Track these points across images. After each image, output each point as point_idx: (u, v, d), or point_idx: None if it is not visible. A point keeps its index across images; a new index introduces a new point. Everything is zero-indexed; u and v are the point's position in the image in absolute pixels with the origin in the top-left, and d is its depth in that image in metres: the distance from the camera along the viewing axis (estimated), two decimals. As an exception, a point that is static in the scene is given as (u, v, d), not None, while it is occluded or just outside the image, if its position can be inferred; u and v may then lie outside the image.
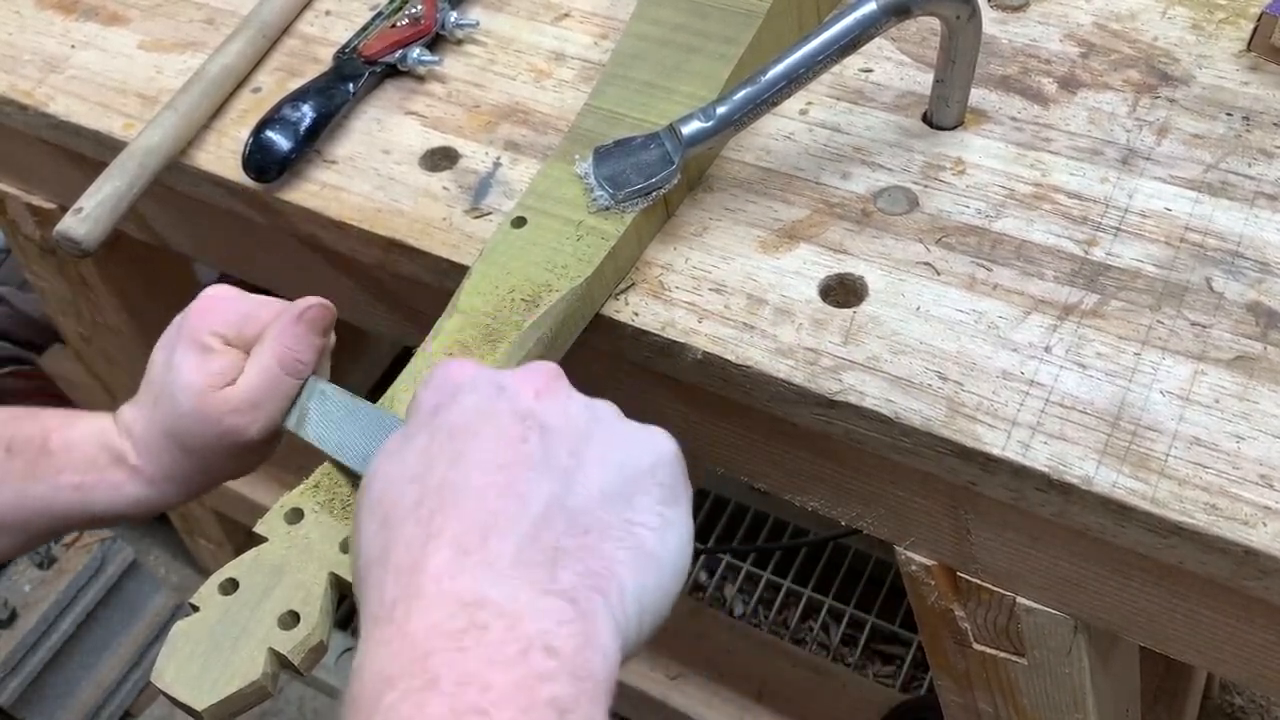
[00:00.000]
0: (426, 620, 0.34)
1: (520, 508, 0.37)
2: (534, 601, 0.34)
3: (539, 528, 0.36)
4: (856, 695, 1.13)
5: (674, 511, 0.39)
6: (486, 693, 0.32)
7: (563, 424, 0.40)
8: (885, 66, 0.65)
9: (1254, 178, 0.56)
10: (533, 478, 0.38)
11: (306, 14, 0.74)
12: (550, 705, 0.32)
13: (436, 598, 0.34)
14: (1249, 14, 0.63)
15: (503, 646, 0.33)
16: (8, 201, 0.89)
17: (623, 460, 0.40)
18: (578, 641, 0.34)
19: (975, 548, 0.57)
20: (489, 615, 0.34)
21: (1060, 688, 0.63)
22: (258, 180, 0.64)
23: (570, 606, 0.35)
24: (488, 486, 0.37)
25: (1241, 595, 0.49)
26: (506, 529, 0.36)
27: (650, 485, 0.39)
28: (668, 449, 0.41)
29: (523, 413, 0.39)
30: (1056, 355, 0.51)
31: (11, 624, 1.28)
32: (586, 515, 0.37)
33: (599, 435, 0.40)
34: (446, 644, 0.33)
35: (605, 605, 0.36)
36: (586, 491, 0.38)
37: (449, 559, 0.35)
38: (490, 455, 0.38)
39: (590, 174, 0.57)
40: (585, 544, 0.37)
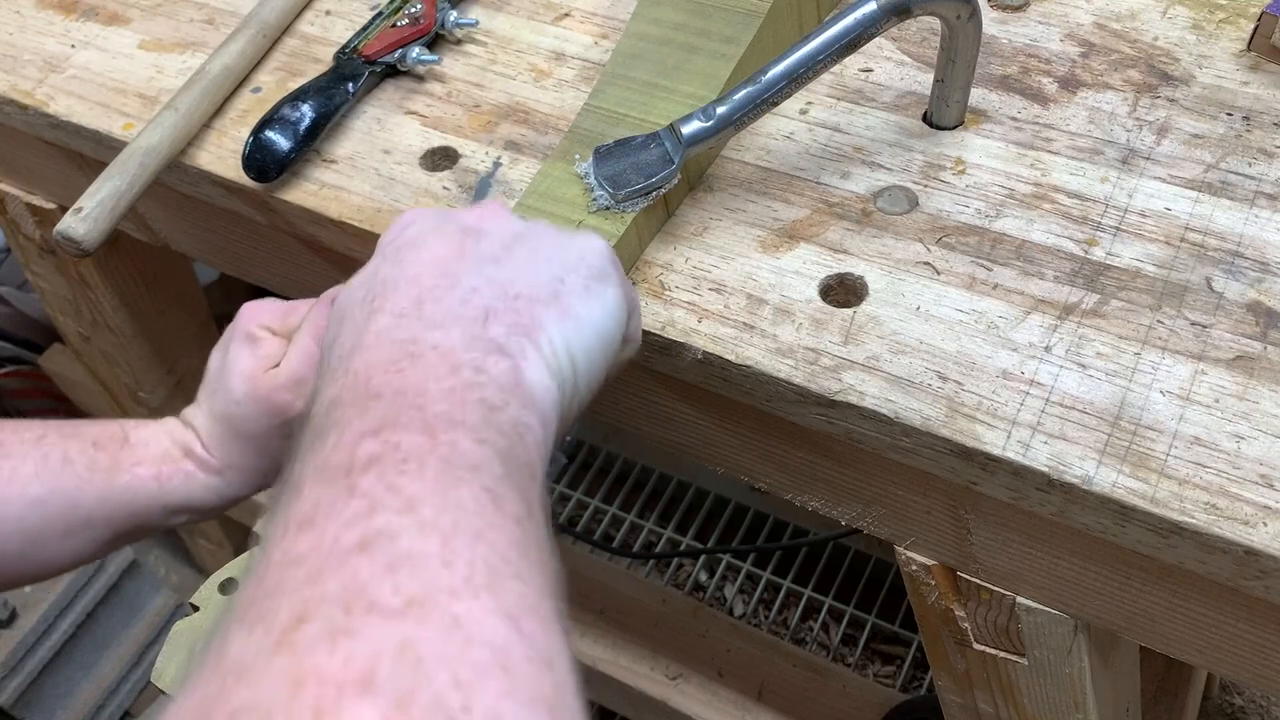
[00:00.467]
0: (367, 359, 0.38)
1: (453, 283, 0.41)
2: (465, 341, 0.38)
3: (470, 295, 0.40)
4: (856, 695, 1.13)
5: (601, 286, 0.44)
6: (422, 394, 0.36)
7: (500, 230, 0.44)
8: (885, 66, 0.65)
9: (1254, 177, 0.56)
10: (467, 265, 0.42)
11: (306, 14, 0.74)
12: (480, 404, 0.36)
13: (375, 344, 0.38)
14: (1249, 14, 0.63)
15: (436, 367, 0.37)
16: (8, 201, 0.89)
17: (554, 250, 0.44)
18: (507, 366, 0.38)
19: (975, 548, 0.57)
20: (423, 349, 0.38)
21: (1060, 688, 0.63)
22: (258, 180, 0.64)
23: (499, 349, 0.39)
24: (424, 273, 0.41)
25: (1241, 595, 0.49)
26: (440, 297, 0.40)
27: (578, 266, 0.44)
28: (597, 244, 0.45)
29: (465, 227, 0.44)
30: (1056, 355, 0.51)
31: (11, 624, 1.28)
32: (515, 285, 0.41)
33: (533, 235, 0.45)
34: (386, 371, 0.37)
35: (535, 350, 0.40)
36: (516, 269, 0.42)
37: (388, 321, 0.39)
38: (430, 254, 0.42)
39: (590, 174, 0.57)
40: (514, 306, 0.41)
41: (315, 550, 0.30)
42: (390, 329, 0.39)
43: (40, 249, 0.93)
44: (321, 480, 0.33)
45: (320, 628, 0.27)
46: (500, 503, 0.33)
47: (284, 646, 0.27)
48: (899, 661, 1.34)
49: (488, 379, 0.37)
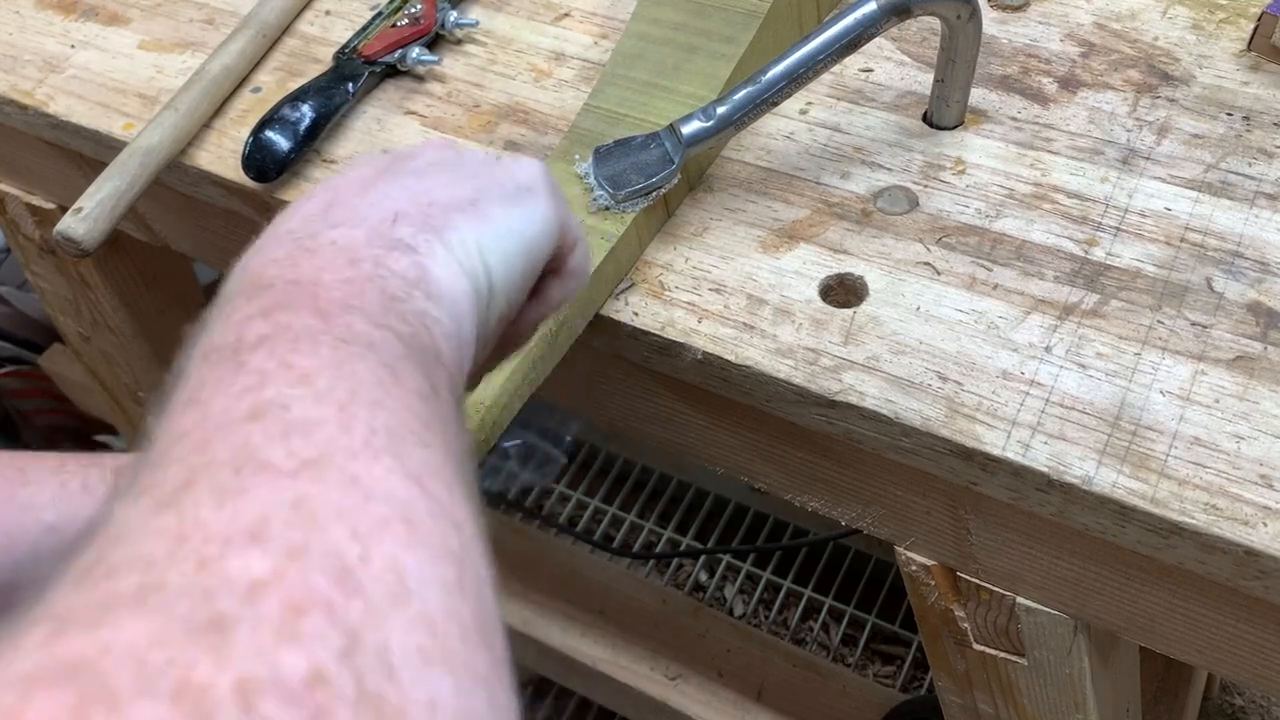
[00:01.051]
0: (262, 257, 0.36)
1: (364, 190, 0.40)
2: (369, 238, 0.37)
3: (381, 199, 0.39)
4: (856, 695, 1.13)
5: (528, 198, 0.42)
6: (317, 283, 0.34)
7: (432, 154, 0.43)
8: (885, 66, 0.65)
9: (1254, 178, 0.56)
10: (385, 177, 0.41)
11: (306, 14, 0.74)
12: (380, 293, 0.34)
13: (273, 243, 0.37)
14: (1249, 14, 0.63)
15: (334, 259, 0.35)
16: (8, 201, 0.89)
17: (481, 167, 0.43)
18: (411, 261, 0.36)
19: (975, 548, 0.57)
20: (322, 243, 0.36)
21: (1060, 688, 0.63)
22: (257, 180, 0.64)
23: (405, 246, 0.37)
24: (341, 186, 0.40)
25: (1241, 595, 0.49)
26: (349, 201, 0.39)
27: (506, 180, 0.42)
28: (529, 163, 0.44)
29: (398, 153, 0.43)
30: (1056, 355, 0.51)
31: (11, 624, 1.28)
32: (432, 193, 0.40)
33: (466, 156, 0.43)
34: (279, 263, 0.35)
35: (444, 248, 0.38)
36: (437, 180, 0.41)
37: (291, 225, 0.38)
38: (355, 173, 0.41)
39: (590, 174, 0.57)
40: (427, 211, 0.39)
41: (202, 423, 0.29)
42: (292, 231, 0.37)
43: (40, 249, 0.93)
44: (208, 362, 0.31)
45: (207, 488, 0.26)
46: (400, 378, 0.31)
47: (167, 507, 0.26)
48: (899, 661, 1.35)
49: (389, 272, 0.36)
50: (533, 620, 1.19)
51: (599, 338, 0.57)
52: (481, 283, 0.39)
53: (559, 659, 1.19)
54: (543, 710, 1.40)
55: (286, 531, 0.25)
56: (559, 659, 1.19)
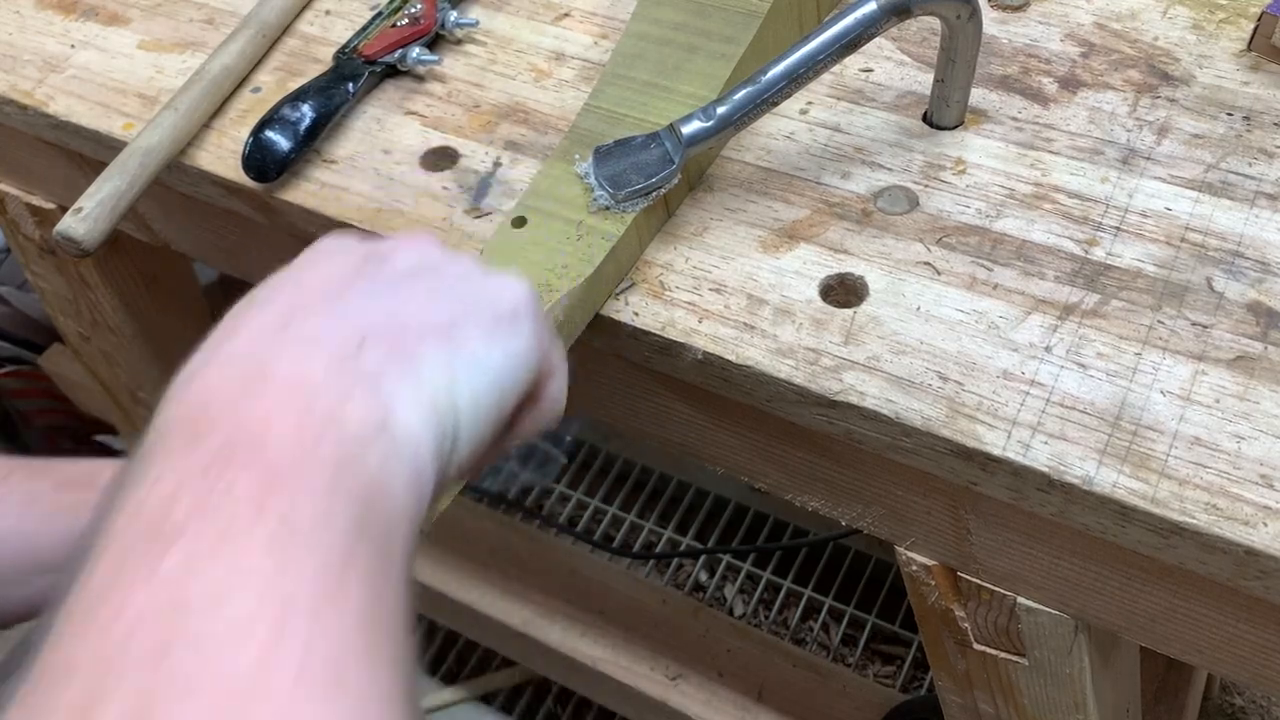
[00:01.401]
0: (207, 385, 0.32)
1: (332, 301, 0.35)
2: (329, 368, 0.33)
3: (350, 318, 0.35)
4: (856, 695, 1.13)
5: (508, 330, 0.38)
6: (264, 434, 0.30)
7: (411, 258, 0.39)
8: (885, 66, 0.65)
9: (1254, 177, 0.56)
10: (357, 285, 0.37)
11: (306, 14, 0.74)
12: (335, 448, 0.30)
13: (222, 367, 0.33)
14: (1249, 14, 0.63)
15: (287, 400, 0.31)
16: (8, 201, 0.89)
17: (462, 284, 0.39)
18: (374, 412, 0.32)
19: (975, 548, 0.57)
20: (275, 373, 0.32)
21: (1060, 688, 0.63)
22: (257, 180, 0.64)
23: (369, 383, 0.33)
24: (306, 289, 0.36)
25: (1242, 595, 0.49)
26: (313, 314, 0.35)
27: (486, 306, 0.38)
28: (515, 286, 0.40)
29: (373, 252, 0.39)
30: (1057, 355, 0.51)
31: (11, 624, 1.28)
32: (404, 313, 0.36)
33: (446, 267, 0.40)
34: (225, 397, 0.31)
35: (413, 385, 0.34)
36: (411, 297, 0.37)
37: (245, 339, 0.34)
38: (323, 271, 0.37)
39: (590, 174, 0.57)
40: (400, 338, 0.35)
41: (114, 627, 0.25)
42: (245, 348, 0.33)
43: (40, 249, 0.93)
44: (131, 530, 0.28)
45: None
46: (346, 572, 0.28)
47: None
48: (899, 661, 1.35)
49: (348, 415, 0.31)
50: (533, 620, 1.19)
51: (599, 338, 0.57)
52: (447, 425, 0.35)
53: (559, 659, 1.19)
54: (543, 710, 1.40)
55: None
56: (559, 659, 1.19)
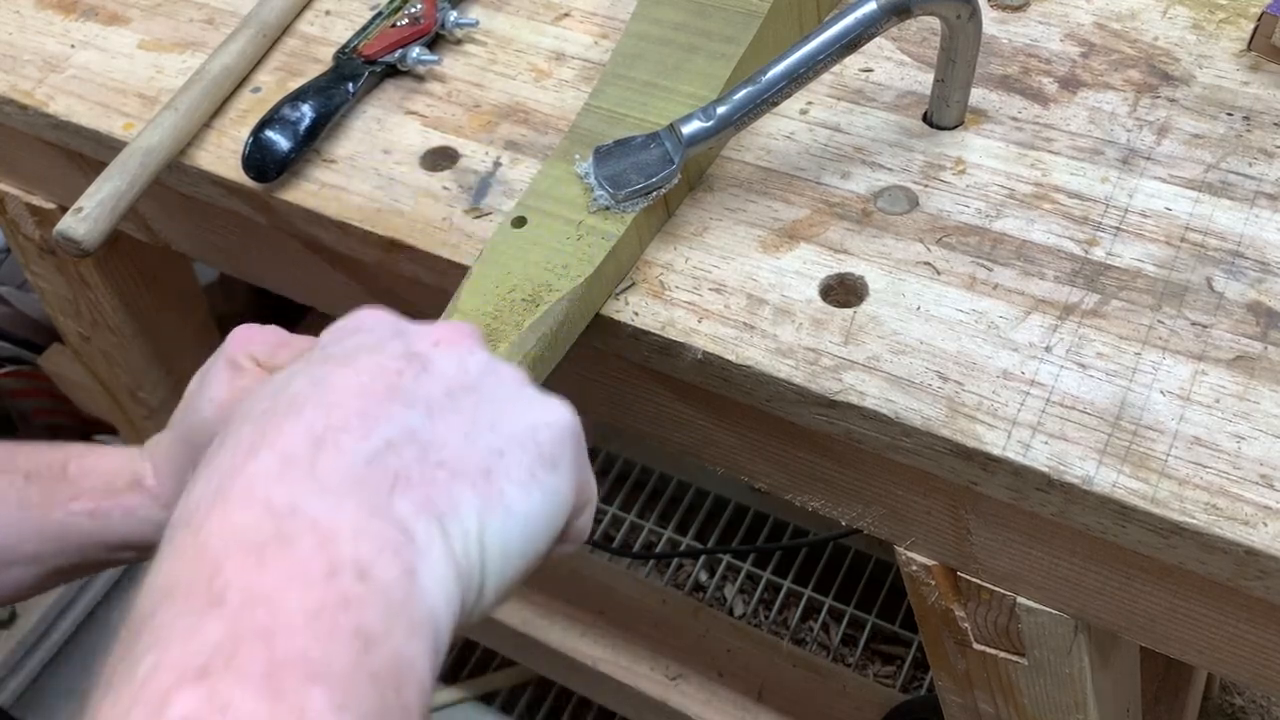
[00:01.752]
0: (227, 524, 0.30)
1: (367, 429, 0.33)
2: (357, 522, 0.30)
3: (383, 453, 0.33)
4: (857, 695, 1.13)
5: (548, 475, 0.36)
6: (278, 615, 0.27)
7: (450, 370, 0.37)
8: (885, 66, 0.65)
9: (1254, 177, 0.56)
10: (392, 407, 0.34)
11: (306, 14, 0.74)
12: (355, 635, 0.28)
13: (245, 502, 0.30)
14: (1249, 14, 0.63)
15: (308, 564, 0.29)
16: (8, 201, 0.89)
17: (504, 414, 0.36)
18: (400, 571, 0.30)
19: (975, 548, 0.57)
20: (299, 527, 0.29)
21: (1061, 688, 0.63)
22: (257, 180, 0.64)
23: (399, 534, 0.31)
24: (338, 403, 0.33)
25: (1242, 595, 0.49)
26: (345, 446, 0.32)
27: (528, 444, 0.36)
28: (560, 418, 0.38)
29: (411, 354, 0.37)
30: (1057, 355, 0.51)
31: (11, 624, 1.28)
32: (443, 451, 0.34)
33: (488, 388, 0.37)
34: (243, 556, 0.29)
35: (444, 542, 0.32)
36: (450, 431, 0.35)
37: (271, 465, 0.31)
38: (355, 380, 0.34)
39: (590, 174, 0.57)
40: (434, 478, 0.33)
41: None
42: (269, 479, 0.31)
43: (40, 249, 0.93)
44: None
45: None
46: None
47: None
48: (899, 661, 1.35)
49: (371, 591, 0.29)
50: (533, 620, 1.19)
51: (599, 338, 0.57)
52: (474, 581, 0.33)
53: (559, 659, 1.19)
54: (543, 710, 1.40)
55: None
56: (559, 659, 1.19)
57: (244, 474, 0.31)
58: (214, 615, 0.27)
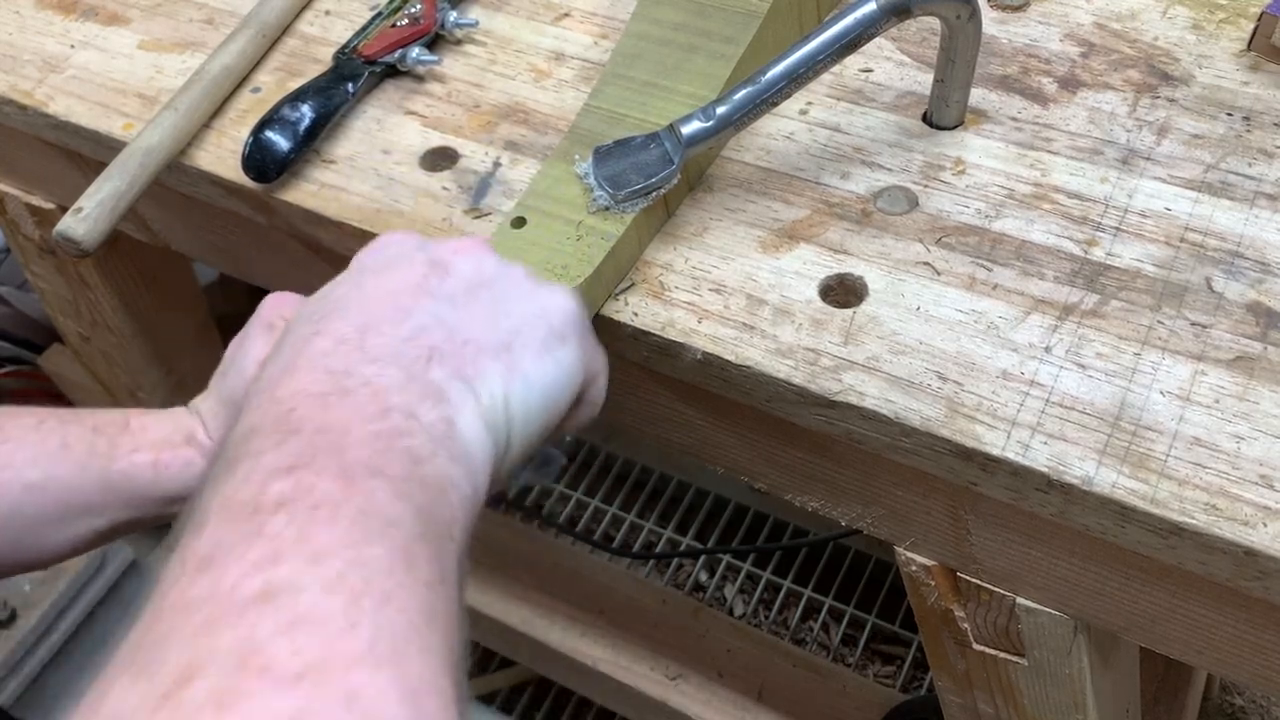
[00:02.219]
0: (295, 385, 0.36)
1: (402, 317, 0.39)
2: (402, 382, 0.36)
3: (418, 332, 0.39)
4: (856, 695, 1.13)
5: (559, 347, 0.42)
6: (345, 436, 0.34)
7: (469, 270, 0.43)
8: (885, 66, 0.65)
9: (1254, 178, 0.56)
10: (422, 301, 0.40)
11: (306, 14, 0.74)
12: (405, 453, 0.34)
13: (307, 369, 0.37)
14: (1249, 14, 0.63)
15: (365, 406, 0.35)
16: (8, 201, 0.89)
17: (517, 301, 0.43)
18: (440, 416, 0.36)
19: (975, 548, 0.57)
20: (355, 384, 0.36)
21: (1060, 688, 0.63)
22: (257, 180, 0.64)
23: (436, 394, 0.37)
24: (377, 301, 0.40)
25: (1241, 595, 0.49)
26: (386, 329, 0.38)
27: (540, 324, 0.42)
28: (564, 301, 0.44)
29: (435, 259, 0.43)
30: (1056, 355, 0.51)
31: (11, 624, 1.28)
32: (467, 331, 0.40)
33: (501, 282, 0.43)
34: (311, 402, 0.35)
35: (475, 401, 0.38)
36: (472, 314, 0.41)
37: (327, 345, 0.37)
38: (389, 283, 0.41)
39: (590, 174, 0.57)
40: (462, 352, 0.39)
41: (212, 596, 0.28)
42: (326, 354, 0.37)
43: (40, 249, 0.93)
44: (226, 516, 0.31)
45: (208, 687, 0.26)
46: (414, 565, 0.31)
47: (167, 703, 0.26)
48: (899, 661, 1.35)
49: (418, 426, 0.35)
50: (533, 620, 1.19)
51: (599, 338, 0.57)
52: (502, 436, 0.39)
53: (559, 659, 1.19)
54: (543, 710, 1.40)
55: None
56: (559, 659, 1.19)
57: (306, 353, 0.37)
58: (293, 437, 0.33)
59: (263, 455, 0.33)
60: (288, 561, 0.29)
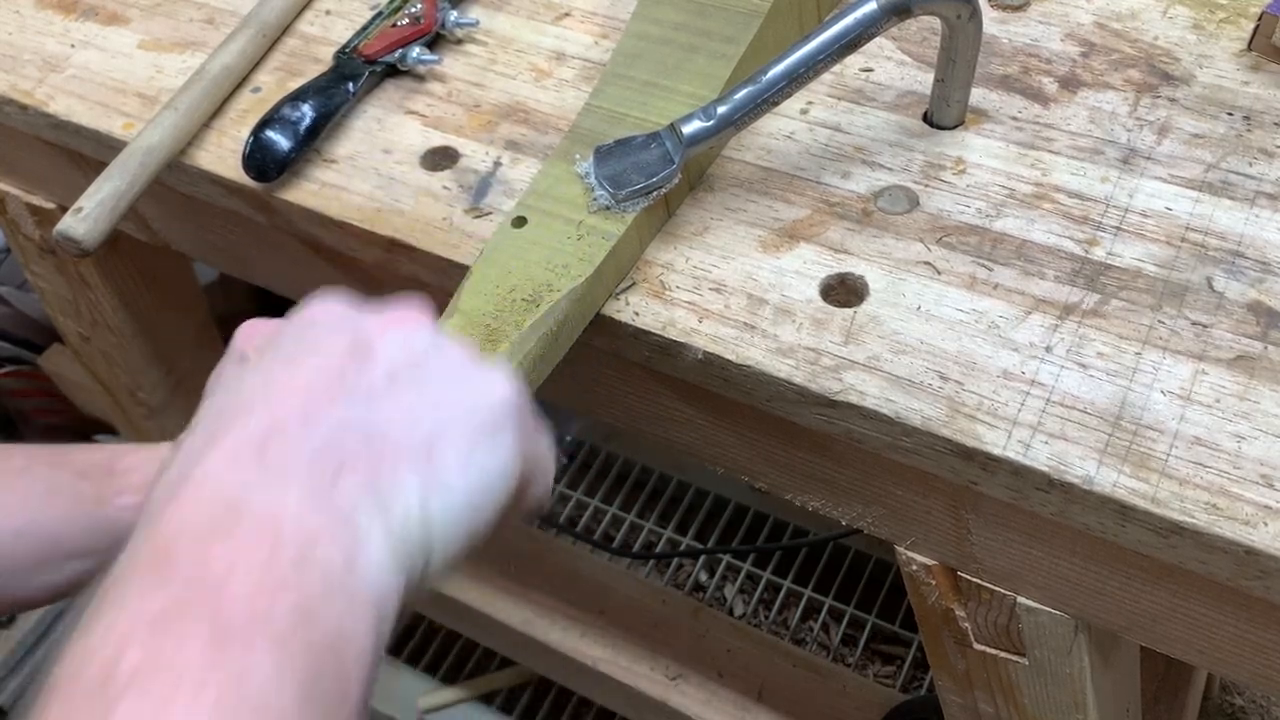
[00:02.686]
0: (179, 515, 0.32)
1: (312, 422, 0.35)
2: (301, 511, 0.33)
3: (327, 443, 0.35)
4: (856, 695, 1.13)
5: (488, 450, 0.38)
6: (223, 587, 0.30)
7: (394, 354, 0.39)
8: (886, 66, 0.65)
9: (1255, 177, 0.56)
10: (335, 401, 0.36)
11: (306, 13, 0.74)
12: (294, 609, 0.31)
13: (196, 496, 0.33)
14: (1250, 13, 0.63)
15: (253, 544, 0.31)
16: (8, 201, 0.89)
17: (446, 391, 0.39)
18: (342, 556, 0.33)
19: (975, 548, 0.57)
20: (245, 515, 0.32)
21: (1061, 688, 0.63)
22: (258, 180, 0.64)
23: (341, 521, 0.33)
24: (285, 398, 0.36)
25: (1242, 595, 0.49)
26: (290, 440, 0.35)
27: (469, 417, 0.38)
28: (500, 389, 0.40)
29: (357, 342, 0.39)
30: (1057, 355, 0.51)
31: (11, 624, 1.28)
32: (384, 438, 0.36)
33: (430, 364, 0.39)
34: (191, 541, 0.31)
35: (384, 524, 0.34)
36: (394, 409, 0.37)
37: (221, 462, 0.34)
38: (302, 376, 0.37)
39: (591, 173, 0.57)
40: (376, 465, 0.35)
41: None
42: (220, 472, 0.33)
43: (40, 249, 0.93)
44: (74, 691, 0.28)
45: None
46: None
47: None
48: (899, 661, 1.35)
49: (313, 563, 0.32)
50: (533, 620, 1.19)
51: (599, 338, 0.57)
52: (417, 554, 0.35)
53: (559, 659, 1.19)
54: (543, 710, 1.40)
55: None
56: (559, 659, 1.19)
57: (197, 469, 0.34)
58: (165, 585, 0.30)
59: (126, 605, 0.30)
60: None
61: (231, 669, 0.28)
